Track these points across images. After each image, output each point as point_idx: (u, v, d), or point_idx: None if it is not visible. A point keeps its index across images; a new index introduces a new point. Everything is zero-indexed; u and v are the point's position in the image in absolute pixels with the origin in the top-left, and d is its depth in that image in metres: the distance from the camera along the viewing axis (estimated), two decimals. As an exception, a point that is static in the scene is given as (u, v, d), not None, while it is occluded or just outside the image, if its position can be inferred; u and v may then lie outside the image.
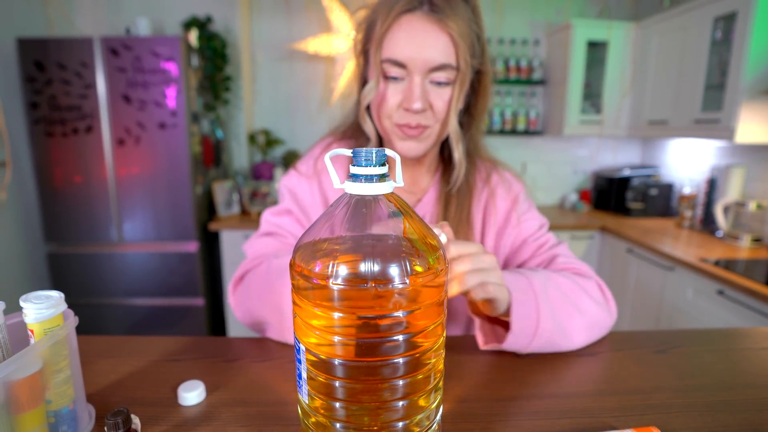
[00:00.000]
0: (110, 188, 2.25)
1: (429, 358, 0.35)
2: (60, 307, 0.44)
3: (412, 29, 0.63)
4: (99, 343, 0.68)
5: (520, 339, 0.61)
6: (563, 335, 0.63)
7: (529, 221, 0.80)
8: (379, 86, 0.68)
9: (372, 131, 0.74)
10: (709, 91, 2.10)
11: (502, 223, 0.80)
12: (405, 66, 0.65)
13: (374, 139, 0.75)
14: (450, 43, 0.64)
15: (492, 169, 0.82)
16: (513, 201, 0.81)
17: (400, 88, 0.67)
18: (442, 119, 0.70)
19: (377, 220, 0.33)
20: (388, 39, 0.64)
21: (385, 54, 0.65)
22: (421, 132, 0.70)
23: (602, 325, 0.68)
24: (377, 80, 0.67)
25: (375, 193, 0.33)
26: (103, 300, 2.36)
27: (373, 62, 0.67)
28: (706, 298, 1.76)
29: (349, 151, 0.36)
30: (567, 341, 0.64)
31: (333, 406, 0.34)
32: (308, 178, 0.80)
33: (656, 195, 2.65)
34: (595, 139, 3.05)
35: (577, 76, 2.62)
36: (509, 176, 0.83)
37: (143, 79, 2.14)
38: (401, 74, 0.66)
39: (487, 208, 0.80)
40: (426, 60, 0.63)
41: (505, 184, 0.82)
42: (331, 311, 0.32)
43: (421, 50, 0.63)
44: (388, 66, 0.66)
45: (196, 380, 0.55)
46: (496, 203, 0.80)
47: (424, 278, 0.32)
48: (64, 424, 0.45)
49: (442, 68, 0.65)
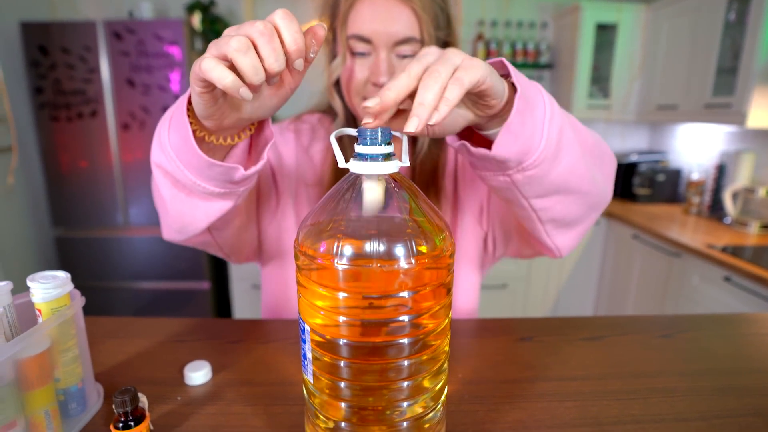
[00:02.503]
0: (116, 173, 2.25)
1: (434, 340, 0.35)
2: (67, 287, 0.45)
3: (374, 4, 0.64)
4: (106, 324, 0.69)
5: (522, 129, 0.45)
6: (578, 146, 0.51)
7: None
8: (347, 63, 0.69)
9: (340, 107, 0.74)
10: (720, 75, 2.06)
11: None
12: (370, 41, 0.65)
13: (342, 116, 0.75)
14: (413, 16, 0.64)
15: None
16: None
17: (367, 63, 0.67)
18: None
19: (383, 199, 0.33)
20: (353, 15, 0.65)
21: (350, 30, 0.65)
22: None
23: (605, 191, 0.59)
24: (344, 56, 0.68)
25: (380, 172, 0.33)
26: (110, 283, 2.38)
27: (340, 39, 0.68)
28: (713, 285, 1.76)
29: (354, 131, 0.36)
30: (581, 163, 0.52)
31: (338, 385, 0.34)
32: (281, 130, 0.81)
33: (664, 181, 2.62)
34: (603, 124, 3.01)
35: (585, 59, 2.58)
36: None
37: (147, 63, 2.13)
38: (367, 49, 0.66)
39: (458, 169, 0.78)
40: (390, 34, 0.64)
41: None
42: (336, 291, 0.32)
43: (384, 24, 0.64)
44: (354, 42, 0.66)
45: (202, 360, 0.56)
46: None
47: (429, 259, 0.32)
48: (73, 402, 0.46)
49: (407, 41, 0.65)
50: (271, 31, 0.35)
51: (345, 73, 0.70)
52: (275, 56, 0.35)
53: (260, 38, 0.35)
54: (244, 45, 0.34)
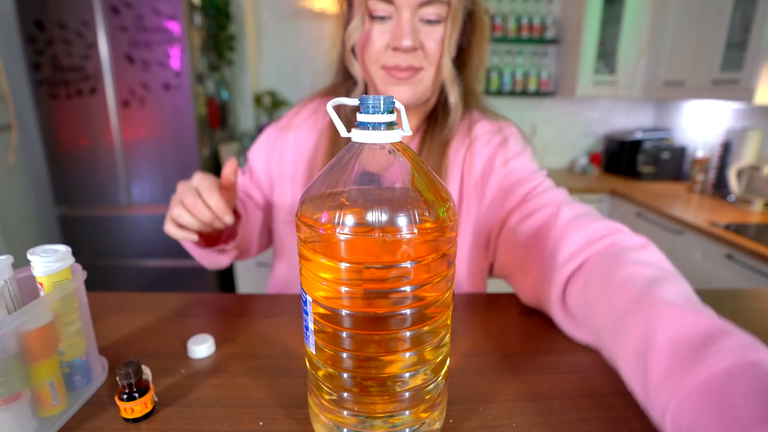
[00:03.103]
0: (117, 151, 2.24)
1: (435, 311, 0.35)
2: (67, 261, 0.44)
3: None
4: (110, 299, 0.69)
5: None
6: None
7: (518, 164, 0.71)
8: (365, 27, 0.64)
9: (360, 73, 0.69)
10: (729, 50, 2.02)
11: (484, 168, 0.72)
12: (392, 1, 0.61)
13: (362, 84, 0.71)
14: None
15: (479, 119, 0.76)
16: (498, 145, 0.73)
17: (388, 27, 0.63)
18: (435, 62, 0.66)
19: (386, 169, 0.32)
20: None
21: None
22: (412, 75, 0.65)
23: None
24: (362, 18, 0.63)
25: (383, 141, 0.32)
26: (115, 261, 2.39)
27: (358, 1, 0.63)
28: (714, 263, 1.75)
29: (355, 101, 0.35)
30: None
31: (340, 356, 0.35)
32: (280, 129, 0.81)
33: (668, 159, 2.60)
34: (608, 101, 2.97)
35: (591, 34, 2.53)
36: (499, 123, 0.76)
37: (146, 38, 2.09)
38: (388, 12, 0.62)
39: (466, 157, 0.73)
40: None
41: (490, 130, 0.74)
42: (338, 262, 0.31)
43: None
44: (373, 3, 0.62)
45: (205, 334, 0.56)
46: (474, 150, 0.73)
47: (432, 229, 0.32)
48: (78, 374, 0.46)
49: (432, 3, 0.61)
50: (196, 199, 0.59)
51: (362, 38, 0.65)
52: (202, 216, 0.60)
53: (191, 207, 0.60)
54: (181, 211, 0.60)
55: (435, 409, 0.39)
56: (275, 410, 0.45)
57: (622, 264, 0.48)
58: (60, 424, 0.43)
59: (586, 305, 0.50)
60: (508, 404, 0.46)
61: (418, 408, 0.37)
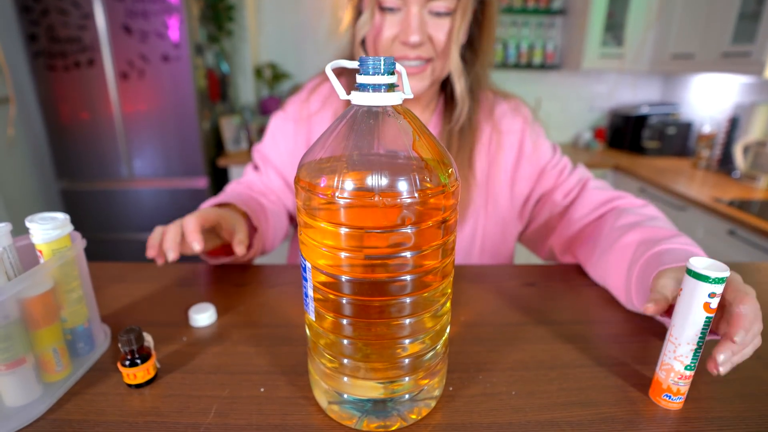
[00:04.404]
0: (117, 124, 2.22)
1: (434, 278, 0.35)
2: (66, 228, 0.44)
3: None
4: (112, 269, 0.69)
5: None
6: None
7: (542, 146, 0.79)
8: (375, 18, 0.64)
9: None
10: (742, 22, 1.97)
11: (516, 156, 0.78)
12: None
13: None
14: None
15: (494, 103, 0.79)
16: (521, 131, 0.78)
17: (397, 19, 0.63)
18: (445, 53, 0.66)
19: (386, 132, 0.32)
20: None
21: None
22: (422, 69, 0.67)
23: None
24: (372, 11, 0.64)
25: (384, 104, 0.31)
26: (117, 235, 2.40)
27: None
28: (717, 239, 1.75)
29: (355, 63, 0.34)
30: None
31: (339, 322, 0.35)
32: (296, 122, 0.79)
33: (674, 134, 2.56)
34: (615, 75, 2.91)
35: (599, 5, 2.46)
36: (513, 104, 0.80)
37: (143, 8, 2.05)
38: (398, 4, 0.62)
39: (491, 144, 0.77)
40: None
41: (509, 114, 0.79)
42: (337, 226, 0.31)
43: None
44: None
45: (206, 303, 0.56)
46: (502, 139, 0.77)
47: (433, 194, 0.31)
48: (81, 341, 0.47)
49: None
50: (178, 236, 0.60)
51: (372, 29, 0.66)
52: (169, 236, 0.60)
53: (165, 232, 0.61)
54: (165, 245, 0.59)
55: (435, 377, 0.39)
56: (276, 377, 0.45)
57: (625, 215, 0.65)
58: (64, 389, 0.43)
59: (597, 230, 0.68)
60: (508, 373, 0.46)
61: (418, 375, 0.37)
